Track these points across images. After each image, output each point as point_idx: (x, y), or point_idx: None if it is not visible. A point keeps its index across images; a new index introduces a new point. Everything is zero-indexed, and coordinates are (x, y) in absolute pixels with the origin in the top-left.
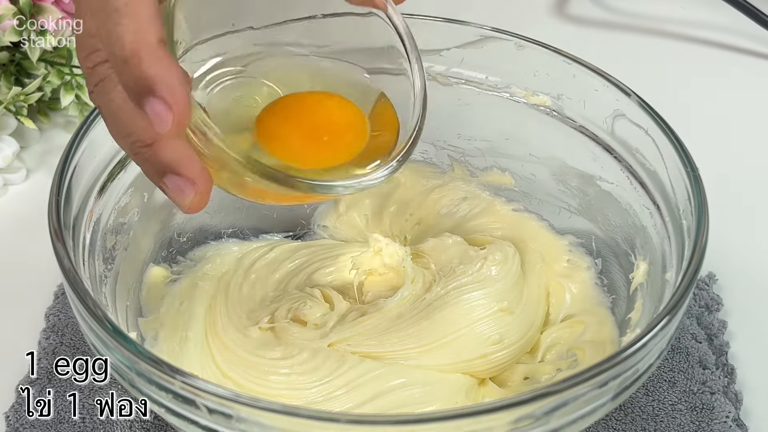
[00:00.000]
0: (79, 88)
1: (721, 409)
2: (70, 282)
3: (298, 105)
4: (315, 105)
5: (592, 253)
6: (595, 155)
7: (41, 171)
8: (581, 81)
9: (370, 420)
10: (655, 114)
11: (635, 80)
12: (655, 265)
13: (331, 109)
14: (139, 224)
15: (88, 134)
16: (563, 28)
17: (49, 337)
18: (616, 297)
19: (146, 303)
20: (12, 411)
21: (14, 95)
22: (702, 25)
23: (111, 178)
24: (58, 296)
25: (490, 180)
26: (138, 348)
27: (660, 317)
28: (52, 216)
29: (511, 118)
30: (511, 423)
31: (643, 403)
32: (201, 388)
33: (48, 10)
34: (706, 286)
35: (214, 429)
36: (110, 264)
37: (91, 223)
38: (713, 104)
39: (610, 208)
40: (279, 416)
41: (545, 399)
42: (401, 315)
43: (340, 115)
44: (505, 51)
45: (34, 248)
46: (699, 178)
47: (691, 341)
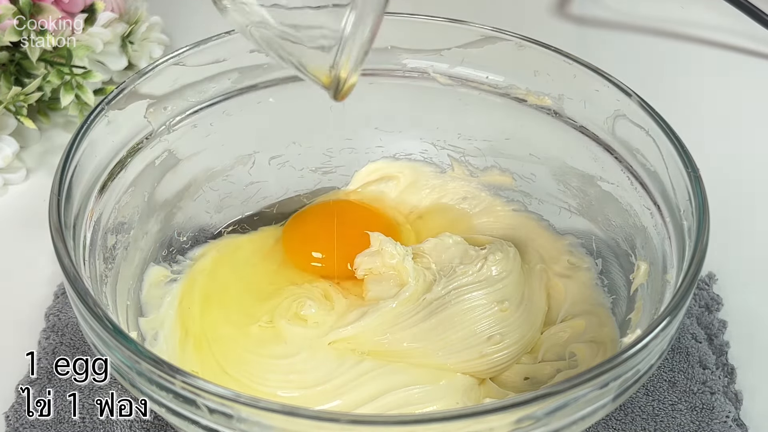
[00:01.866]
0: (78, 88)
1: (721, 409)
2: (70, 281)
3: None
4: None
5: (592, 254)
6: (596, 155)
7: (41, 171)
8: (582, 81)
9: (370, 420)
10: (655, 114)
11: (636, 80)
12: (656, 265)
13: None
14: (139, 224)
15: (88, 134)
16: (564, 28)
17: (49, 337)
18: (616, 297)
19: (147, 302)
20: (12, 411)
21: (14, 95)
22: (702, 25)
23: (111, 177)
24: (58, 296)
25: (490, 180)
26: (138, 347)
27: (661, 318)
28: (53, 215)
29: (512, 118)
30: (512, 423)
31: (644, 402)
32: (201, 387)
33: (48, 9)
34: (707, 286)
35: (214, 429)
36: (111, 263)
37: (92, 223)
38: (714, 104)
39: (611, 208)
40: (280, 416)
41: (547, 400)
42: (401, 314)
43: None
44: (506, 51)
45: (34, 248)
46: (700, 178)
47: (691, 341)
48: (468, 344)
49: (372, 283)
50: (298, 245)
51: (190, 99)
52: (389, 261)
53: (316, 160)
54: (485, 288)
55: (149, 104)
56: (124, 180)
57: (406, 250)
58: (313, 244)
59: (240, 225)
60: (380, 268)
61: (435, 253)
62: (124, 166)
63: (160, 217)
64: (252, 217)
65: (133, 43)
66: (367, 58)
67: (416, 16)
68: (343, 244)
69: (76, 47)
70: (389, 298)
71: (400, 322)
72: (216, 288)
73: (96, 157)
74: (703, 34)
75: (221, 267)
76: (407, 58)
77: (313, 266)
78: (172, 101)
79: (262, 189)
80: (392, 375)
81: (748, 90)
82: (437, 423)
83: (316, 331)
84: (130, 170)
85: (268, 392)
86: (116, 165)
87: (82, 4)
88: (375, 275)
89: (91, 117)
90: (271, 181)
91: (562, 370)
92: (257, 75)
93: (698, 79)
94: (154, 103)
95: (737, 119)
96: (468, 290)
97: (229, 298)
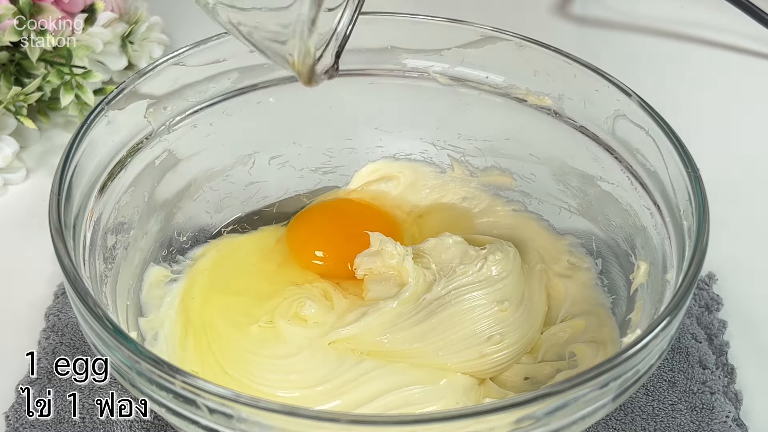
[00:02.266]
0: (78, 88)
1: (721, 409)
2: (70, 281)
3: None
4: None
5: (592, 254)
6: (596, 155)
7: (41, 171)
8: (582, 81)
9: (370, 420)
10: (655, 114)
11: (636, 80)
12: (656, 265)
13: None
14: (139, 224)
15: (88, 134)
16: (564, 28)
17: (49, 337)
18: (616, 297)
19: (147, 302)
20: (12, 411)
21: (14, 95)
22: (702, 25)
23: (111, 177)
24: (58, 296)
25: (490, 180)
26: (138, 347)
27: (661, 318)
28: (53, 215)
29: (512, 118)
30: (512, 423)
31: (643, 402)
32: (201, 387)
33: (48, 9)
34: (706, 286)
35: (214, 429)
36: (110, 263)
37: (92, 223)
38: (714, 104)
39: (611, 208)
40: (280, 416)
41: (547, 400)
42: (402, 314)
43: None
44: (506, 51)
45: (34, 248)
46: (700, 178)
47: (691, 341)
48: (468, 344)
49: (372, 283)
50: (303, 244)
51: (190, 99)
52: (389, 261)
53: (316, 160)
54: (485, 288)
55: (149, 104)
56: (124, 180)
57: (406, 251)
58: (319, 243)
59: (240, 225)
60: (380, 268)
61: (435, 253)
62: (124, 166)
63: (160, 217)
64: (252, 217)
65: (133, 43)
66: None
67: (416, 16)
68: (348, 243)
69: (76, 47)
70: (389, 299)
71: (400, 322)
72: (216, 288)
73: (96, 157)
74: (703, 34)
75: (221, 267)
76: (407, 58)
77: (315, 264)
78: (172, 101)
79: (262, 189)
80: (392, 375)
81: (748, 90)
82: (437, 423)
83: (316, 331)
84: (130, 170)
85: (269, 392)
86: (116, 165)
87: (82, 4)
88: (375, 275)
89: (91, 117)
90: (271, 181)
91: (562, 370)
92: (257, 75)
93: (698, 79)
94: (154, 103)
95: (737, 119)
96: (468, 290)
97: (229, 298)
